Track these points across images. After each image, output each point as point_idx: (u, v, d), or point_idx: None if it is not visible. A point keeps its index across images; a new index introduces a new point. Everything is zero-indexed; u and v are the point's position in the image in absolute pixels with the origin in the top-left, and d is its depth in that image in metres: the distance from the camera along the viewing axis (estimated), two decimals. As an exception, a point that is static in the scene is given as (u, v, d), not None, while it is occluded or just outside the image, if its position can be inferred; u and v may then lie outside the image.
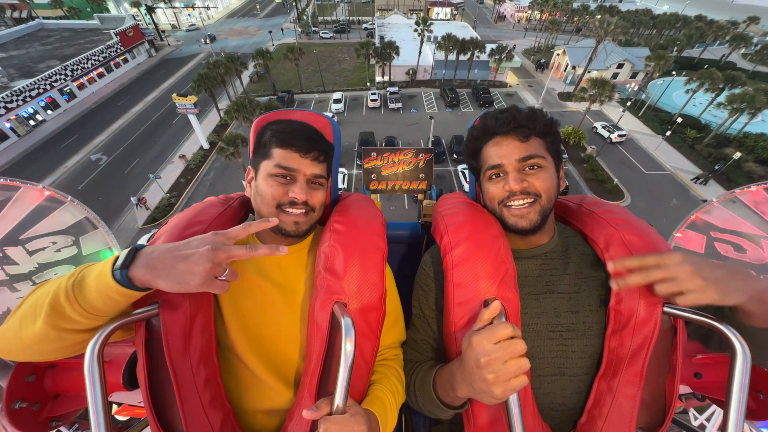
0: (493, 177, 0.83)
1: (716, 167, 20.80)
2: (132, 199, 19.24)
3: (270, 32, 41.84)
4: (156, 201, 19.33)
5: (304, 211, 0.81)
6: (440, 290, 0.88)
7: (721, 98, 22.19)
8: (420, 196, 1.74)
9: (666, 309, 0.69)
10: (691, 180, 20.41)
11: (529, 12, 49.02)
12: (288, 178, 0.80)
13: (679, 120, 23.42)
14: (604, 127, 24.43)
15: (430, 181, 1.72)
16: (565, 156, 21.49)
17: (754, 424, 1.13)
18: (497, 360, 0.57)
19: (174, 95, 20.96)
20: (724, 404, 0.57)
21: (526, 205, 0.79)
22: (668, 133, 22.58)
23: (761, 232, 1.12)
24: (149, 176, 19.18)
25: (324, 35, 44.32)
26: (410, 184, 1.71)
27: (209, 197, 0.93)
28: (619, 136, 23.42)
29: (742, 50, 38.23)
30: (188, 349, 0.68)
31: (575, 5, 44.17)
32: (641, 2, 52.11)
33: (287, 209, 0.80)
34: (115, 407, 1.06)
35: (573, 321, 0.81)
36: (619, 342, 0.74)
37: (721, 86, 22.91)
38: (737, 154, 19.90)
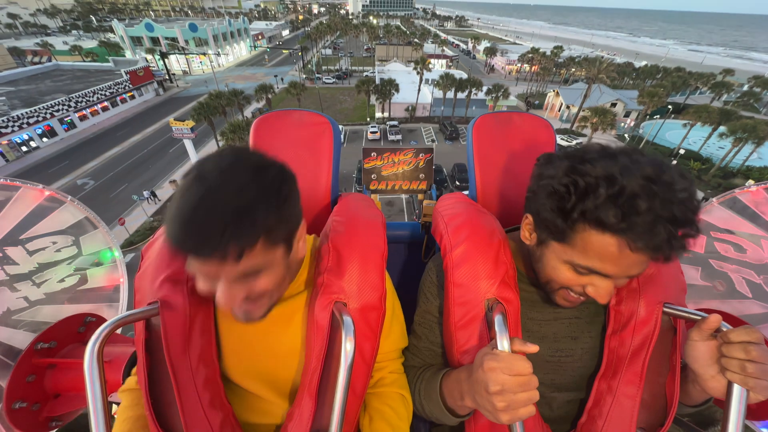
0: (580, 271, 0.63)
1: (729, 196, 20.06)
2: (144, 193, 19.29)
3: (275, 76, 44.16)
4: (137, 224, 17.94)
5: (254, 306, 0.63)
6: (444, 296, 0.83)
7: (721, 129, 22.27)
8: (420, 196, 1.49)
9: (666, 309, 0.69)
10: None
11: (519, 65, 52.71)
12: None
13: (682, 151, 23.28)
14: (563, 138, 27.47)
15: (430, 181, 1.77)
16: (571, 184, 20.91)
17: (755, 424, 1.04)
18: (509, 391, 0.54)
19: (171, 119, 20.70)
20: (724, 404, 0.56)
21: (582, 299, 0.69)
22: (674, 163, 22.18)
23: (761, 232, 1.09)
24: (132, 197, 18.01)
25: (327, 81, 46.79)
26: (410, 184, 1.78)
27: None
28: (578, 144, 25.56)
29: (724, 97, 40.22)
30: (188, 349, 0.67)
31: (561, 59, 47.60)
32: (621, 59, 56.58)
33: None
34: (115, 407, 0.97)
35: (572, 346, 0.78)
36: (620, 342, 0.73)
37: (717, 121, 23.17)
38: (750, 182, 19.21)
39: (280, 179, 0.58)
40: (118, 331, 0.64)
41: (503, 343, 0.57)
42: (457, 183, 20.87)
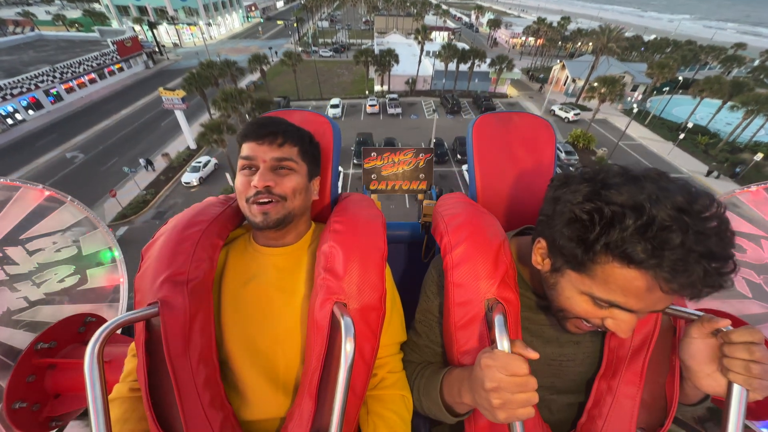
0: (600, 304, 0.59)
1: (737, 170, 19.68)
2: (141, 161, 19.41)
3: (270, 48, 42.34)
4: (130, 197, 17.48)
5: (270, 200, 0.76)
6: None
7: (731, 104, 21.54)
8: (420, 196, 1.68)
9: (666, 309, 0.68)
10: (705, 176, 20.04)
11: (524, 38, 50.66)
12: (252, 168, 0.77)
13: (690, 125, 22.64)
14: (561, 109, 27.52)
15: (430, 181, 1.66)
16: (576, 158, 20.40)
17: (754, 424, 1.05)
18: (505, 390, 0.54)
19: (161, 89, 19.77)
20: (724, 404, 0.56)
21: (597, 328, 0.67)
22: (681, 136, 21.67)
23: (761, 232, 1.09)
24: (124, 169, 17.41)
25: (323, 54, 44.99)
26: (410, 184, 1.66)
27: (209, 197, 0.91)
28: (575, 114, 26.66)
29: (734, 72, 38.94)
30: (188, 349, 0.67)
31: (568, 31, 45.67)
32: (630, 33, 54.46)
33: (256, 200, 0.76)
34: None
35: (574, 351, 0.78)
36: (620, 342, 0.73)
37: (728, 93, 22.38)
38: (759, 155, 18.79)
39: (312, 135, 0.89)
40: (118, 331, 0.64)
41: (503, 343, 0.57)
42: (458, 156, 20.34)
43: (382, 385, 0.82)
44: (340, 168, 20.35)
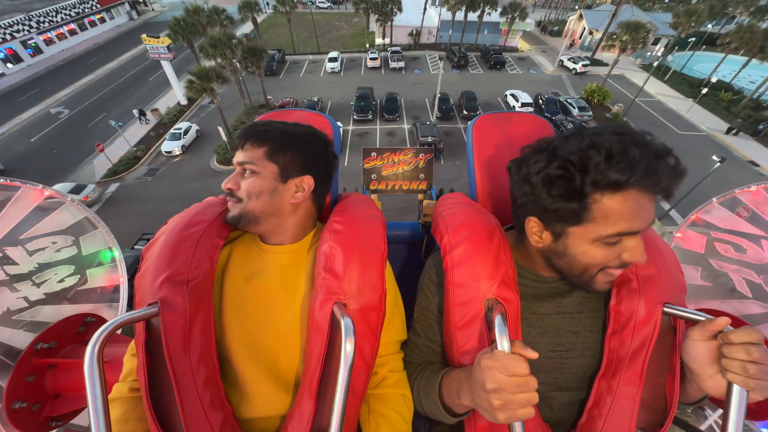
0: (612, 242, 0.62)
1: (759, 127, 18.58)
2: (134, 111, 19.11)
3: (263, -2, 39.10)
4: (120, 153, 16.72)
5: (233, 200, 0.80)
6: (443, 294, 0.85)
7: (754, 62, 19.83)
8: (420, 196, 1.66)
9: (666, 309, 0.70)
10: (725, 134, 18.91)
11: (538, -12, 46.45)
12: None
13: (714, 80, 21.10)
14: (570, 59, 26.19)
15: (430, 181, 1.65)
16: (589, 114, 19.23)
17: (754, 424, 1.05)
18: (506, 390, 0.55)
19: (144, 36, 18.27)
20: (724, 404, 0.57)
21: (620, 272, 0.68)
22: (704, 91, 20.24)
23: (761, 232, 1.09)
24: (110, 122, 16.46)
25: (320, 5, 41.69)
26: (410, 184, 1.65)
27: (209, 197, 0.93)
28: (583, 65, 25.45)
29: (765, 24, 35.98)
30: (188, 349, 0.68)
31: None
32: (653, -18, 49.76)
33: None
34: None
35: (573, 341, 0.78)
36: (619, 342, 0.73)
37: (760, 44, 20.55)
38: (785, 112, 17.58)
39: (307, 132, 0.84)
40: (118, 331, 0.65)
41: (503, 343, 0.57)
42: (465, 112, 19.20)
43: (383, 384, 0.82)
44: (341, 124, 19.39)
